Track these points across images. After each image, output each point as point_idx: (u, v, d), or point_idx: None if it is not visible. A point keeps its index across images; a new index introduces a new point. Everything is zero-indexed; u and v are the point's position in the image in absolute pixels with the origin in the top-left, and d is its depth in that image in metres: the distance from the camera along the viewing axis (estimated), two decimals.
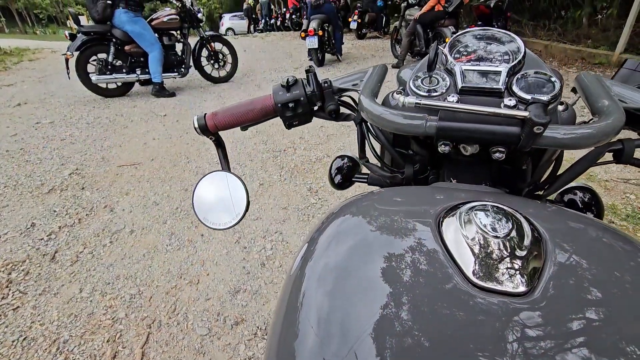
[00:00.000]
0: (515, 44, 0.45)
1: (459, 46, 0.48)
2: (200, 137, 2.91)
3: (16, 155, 2.64)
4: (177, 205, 2.01)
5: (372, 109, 0.43)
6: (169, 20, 4.03)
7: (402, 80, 0.55)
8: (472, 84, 0.41)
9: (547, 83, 0.39)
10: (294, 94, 0.53)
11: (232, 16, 17.97)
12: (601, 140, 0.35)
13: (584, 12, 6.12)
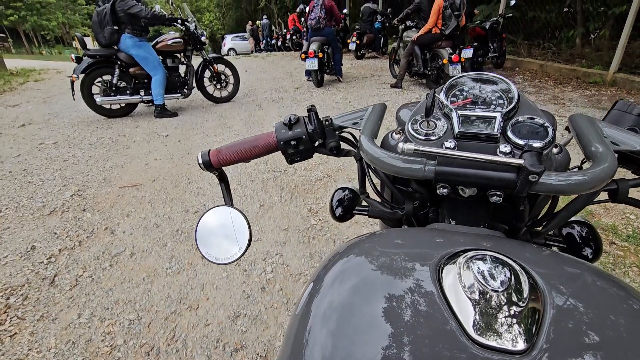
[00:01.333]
0: (509, 88, 0.47)
1: (455, 89, 0.50)
2: None
3: (19, 176, 2.66)
4: (177, 227, 2.01)
5: (371, 151, 0.45)
6: (173, 43, 4.14)
7: (401, 120, 0.57)
8: (468, 130, 0.42)
9: (541, 129, 0.41)
10: (295, 132, 0.54)
11: (234, 37, 18.43)
12: (595, 187, 0.36)
13: (577, 32, 6.28)
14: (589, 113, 3.76)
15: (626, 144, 0.42)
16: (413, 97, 4.70)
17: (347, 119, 0.57)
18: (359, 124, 0.55)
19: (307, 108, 0.55)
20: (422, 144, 0.43)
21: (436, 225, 0.45)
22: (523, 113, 0.44)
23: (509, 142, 0.41)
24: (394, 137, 0.52)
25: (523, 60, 6.49)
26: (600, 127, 0.44)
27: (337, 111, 4.21)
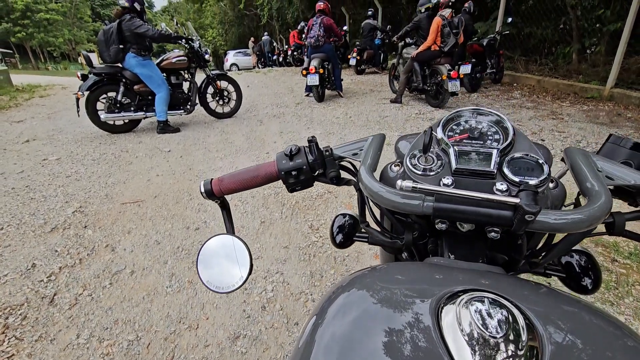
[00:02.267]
0: (504, 124, 0.48)
1: (452, 124, 0.51)
2: (203, 173, 2.97)
3: (22, 192, 2.67)
4: (178, 244, 2.01)
5: (371, 185, 0.46)
6: (178, 61, 4.23)
7: (400, 152, 0.58)
8: (465, 166, 0.43)
9: (537, 166, 0.42)
10: (296, 163, 0.56)
11: (237, 52, 18.79)
12: (591, 225, 0.37)
13: (573, 48, 6.39)
14: (587, 128, 3.79)
15: (620, 179, 0.43)
16: (413, 112, 4.76)
17: (347, 150, 0.58)
18: (359, 155, 0.56)
19: (307, 139, 0.57)
20: (420, 179, 0.44)
21: (435, 259, 0.45)
22: (519, 149, 0.45)
23: (505, 179, 0.41)
24: (393, 170, 0.53)
25: (521, 75, 6.58)
26: (594, 161, 0.45)
27: (337, 127, 4.26)
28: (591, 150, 3.05)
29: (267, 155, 3.40)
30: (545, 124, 4.00)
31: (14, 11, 30.48)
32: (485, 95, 5.70)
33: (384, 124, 4.29)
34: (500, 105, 4.99)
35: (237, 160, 3.30)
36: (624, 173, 0.43)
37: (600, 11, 5.88)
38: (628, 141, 0.51)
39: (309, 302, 1.57)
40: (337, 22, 11.66)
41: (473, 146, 0.46)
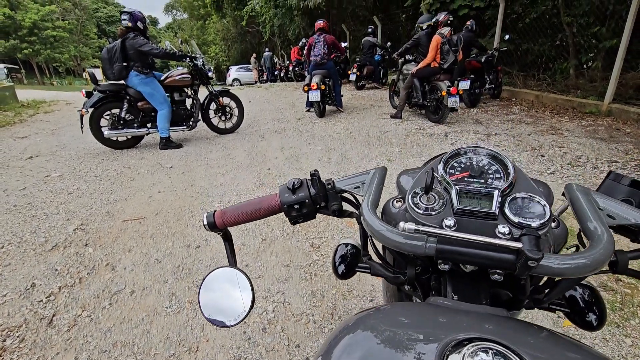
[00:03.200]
0: (505, 163, 0.49)
1: (453, 161, 0.52)
2: (204, 190, 2.98)
3: (23, 210, 2.68)
4: (179, 262, 2.00)
5: (373, 224, 0.46)
6: (181, 78, 4.31)
7: (402, 187, 0.58)
8: (467, 207, 0.44)
9: (538, 207, 0.42)
10: (299, 196, 0.56)
11: (239, 68, 19.14)
12: (595, 269, 0.37)
13: (570, 64, 6.48)
14: (587, 144, 3.81)
15: (622, 218, 0.43)
16: (413, 127, 4.80)
17: (349, 183, 0.59)
18: (361, 188, 0.56)
19: (310, 172, 0.57)
20: (422, 219, 0.44)
21: (439, 299, 0.45)
22: (520, 188, 0.46)
23: (507, 220, 0.42)
24: (395, 206, 0.54)
25: (519, 91, 6.65)
26: (595, 199, 0.45)
27: (338, 142, 4.29)
28: (591, 168, 3.04)
29: (268, 171, 3.42)
30: (544, 139, 4.02)
31: (22, 28, 31.20)
32: (484, 111, 5.76)
33: (384, 139, 4.32)
34: (500, 120, 5.03)
35: (238, 176, 3.31)
36: (625, 212, 0.43)
37: (596, 28, 6.00)
38: (627, 179, 0.51)
39: (310, 323, 1.55)
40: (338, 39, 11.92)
41: (474, 186, 0.47)
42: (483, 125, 4.79)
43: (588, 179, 2.94)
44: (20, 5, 32.10)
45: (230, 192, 2.95)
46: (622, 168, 3.12)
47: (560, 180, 2.94)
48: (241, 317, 0.54)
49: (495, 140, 4.09)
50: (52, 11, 33.63)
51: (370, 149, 3.98)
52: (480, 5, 7.86)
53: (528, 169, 3.20)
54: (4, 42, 30.62)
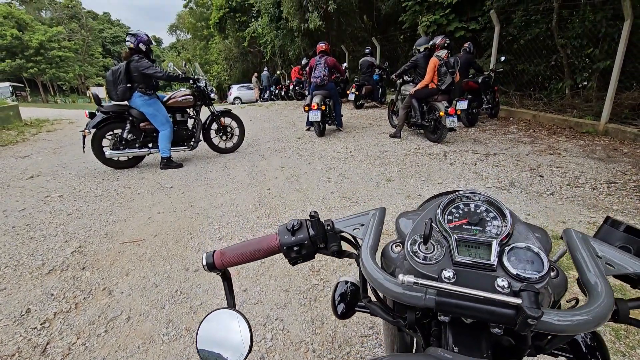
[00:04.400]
0: (503, 212, 0.49)
1: (451, 206, 0.52)
2: (204, 210, 2.97)
3: (22, 231, 2.67)
4: (176, 287, 1.98)
5: (373, 273, 0.46)
6: (184, 99, 4.38)
7: (400, 230, 0.58)
8: (466, 259, 0.44)
9: (536, 258, 0.42)
10: (298, 238, 0.56)
11: (240, 87, 19.48)
12: (597, 324, 0.37)
13: (566, 84, 6.59)
14: (585, 164, 3.83)
15: (620, 267, 0.43)
16: (412, 147, 4.84)
17: (348, 224, 0.59)
18: (360, 230, 0.57)
19: (310, 214, 0.58)
20: (420, 267, 0.44)
21: (439, 351, 0.45)
22: (518, 237, 0.46)
23: (506, 271, 0.42)
24: (394, 251, 0.54)
25: (516, 110, 6.75)
26: (593, 247, 0.45)
27: (338, 161, 4.31)
28: (591, 189, 3.05)
29: (268, 191, 3.42)
30: (543, 160, 4.05)
31: (29, 48, 31.94)
32: (482, 130, 5.82)
33: (383, 159, 4.35)
34: (498, 140, 5.08)
35: (238, 196, 3.32)
36: (623, 260, 0.44)
37: (589, 50, 6.15)
38: (622, 224, 0.51)
39: (310, 352, 1.51)
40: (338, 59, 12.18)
41: (473, 234, 0.47)
42: (481, 145, 4.83)
43: (587, 200, 2.95)
44: (28, 27, 32.99)
45: (230, 213, 2.95)
46: (621, 189, 3.12)
47: (560, 201, 2.94)
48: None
49: (494, 160, 4.11)
50: (59, 32, 34.52)
51: (369, 168, 4.00)
52: (476, 27, 8.09)
53: (527, 189, 3.21)
54: (11, 61, 31.29)
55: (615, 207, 2.81)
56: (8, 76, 32.11)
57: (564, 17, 6.40)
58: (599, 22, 5.74)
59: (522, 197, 3.06)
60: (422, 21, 8.59)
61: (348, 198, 3.15)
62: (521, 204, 2.90)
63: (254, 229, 2.64)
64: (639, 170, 3.55)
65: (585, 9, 6.03)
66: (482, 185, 3.35)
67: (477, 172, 3.73)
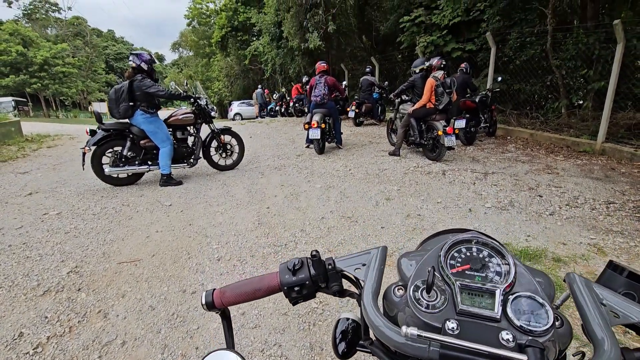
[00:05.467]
0: (506, 259, 0.48)
1: (453, 250, 0.52)
2: (203, 229, 2.96)
3: (18, 250, 2.64)
4: (173, 310, 1.94)
5: (374, 320, 0.45)
6: (184, 117, 4.43)
7: (402, 272, 0.58)
8: (469, 308, 0.43)
9: (540, 310, 0.42)
10: (299, 278, 0.56)
11: (241, 103, 19.74)
12: None
13: (561, 103, 6.70)
14: (583, 183, 3.85)
15: (625, 316, 0.43)
16: (411, 165, 4.86)
17: (349, 264, 0.58)
18: (362, 270, 0.56)
19: (311, 253, 0.58)
20: (423, 316, 0.44)
21: None
22: (521, 286, 0.46)
23: (510, 324, 0.41)
24: (397, 294, 0.53)
25: (514, 129, 6.83)
26: (597, 294, 0.45)
27: (337, 179, 4.32)
28: (590, 209, 3.05)
29: (267, 210, 3.41)
30: (541, 179, 4.07)
31: (33, 65, 32.44)
32: (480, 149, 5.87)
33: (383, 177, 4.37)
34: (496, 159, 5.12)
35: (237, 215, 3.30)
36: (628, 309, 0.43)
37: (584, 71, 6.28)
38: (624, 269, 0.51)
39: None
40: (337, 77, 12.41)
41: (476, 281, 0.47)
42: (480, 164, 4.86)
43: (587, 221, 2.94)
44: (34, 43, 33.63)
45: (229, 232, 2.93)
46: (620, 210, 3.13)
47: (560, 222, 2.94)
48: None
49: (493, 179, 4.13)
50: (64, 49, 35.16)
51: (369, 186, 4.01)
52: (472, 48, 8.28)
53: (527, 209, 3.21)
54: (14, 77, 31.70)
55: (615, 228, 2.80)
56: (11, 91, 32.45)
57: (558, 39, 6.57)
58: (592, 44, 5.89)
59: (522, 217, 3.05)
60: (420, 42, 8.80)
61: (347, 217, 3.14)
62: (521, 225, 2.89)
63: (253, 249, 2.62)
64: (637, 191, 3.56)
65: (578, 32, 6.20)
66: (482, 205, 3.35)
67: (476, 191, 3.74)
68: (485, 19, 7.91)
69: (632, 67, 5.53)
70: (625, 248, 2.48)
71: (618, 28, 4.71)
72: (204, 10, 30.74)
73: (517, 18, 7.53)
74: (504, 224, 2.93)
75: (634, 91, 5.41)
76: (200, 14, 30.93)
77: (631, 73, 5.43)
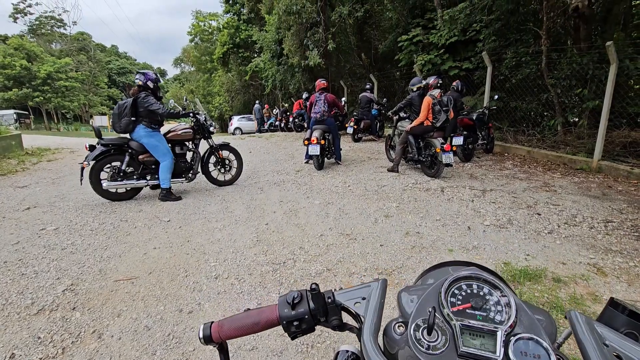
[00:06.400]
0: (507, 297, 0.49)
1: (454, 288, 0.52)
2: (201, 246, 2.94)
3: (13, 267, 2.61)
4: (169, 330, 1.91)
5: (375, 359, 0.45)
6: (183, 133, 4.48)
7: (402, 308, 0.57)
8: (470, 349, 0.43)
9: (542, 352, 0.42)
10: (298, 312, 0.56)
11: (241, 117, 19.95)
12: None
13: (557, 121, 6.79)
14: (581, 201, 3.86)
15: (628, 358, 0.42)
16: (409, 181, 4.88)
17: (349, 297, 0.58)
18: (361, 304, 0.56)
19: (311, 286, 0.57)
20: (424, 357, 0.44)
21: None
22: (522, 326, 0.46)
23: None
24: (397, 332, 0.53)
25: (511, 146, 6.89)
26: (599, 333, 0.45)
27: (336, 196, 4.33)
28: (588, 228, 3.05)
29: (266, 226, 3.40)
30: (539, 197, 4.08)
31: (36, 79, 32.84)
32: (478, 165, 5.91)
33: (382, 194, 4.38)
34: (494, 176, 5.15)
35: (235, 231, 3.29)
36: (631, 350, 0.43)
37: (579, 90, 6.40)
38: (625, 308, 0.51)
39: None
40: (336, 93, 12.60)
41: (477, 321, 0.46)
42: (478, 181, 4.89)
43: (586, 240, 2.94)
44: (38, 58, 34.15)
45: (227, 249, 2.91)
46: (618, 228, 3.13)
47: (559, 240, 2.93)
48: None
49: (491, 196, 4.15)
50: (67, 64, 35.69)
51: (368, 203, 4.01)
52: (469, 66, 8.45)
53: (525, 228, 3.21)
54: (17, 90, 32.03)
55: (614, 247, 2.80)
56: (14, 104, 32.74)
57: (552, 58, 6.72)
58: (586, 64, 6.02)
59: (521, 236, 3.05)
60: (418, 60, 8.99)
61: (346, 235, 3.14)
62: (520, 244, 2.89)
63: (251, 267, 2.60)
64: (635, 209, 3.57)
65: (572, 53, 6.35)
66: (480, 222, 3.35)
67: (475, 209, 3.74)
68: (481, 38, 8.11)
69: (626, 86, 5.64)
70: (624, 268, 2.47)
71: (611, 50, 4.83)
72: (206, 27, 31.42)
73: (512, 38, 7.73)
74: (503, 242, 2.92)
75: (628, 110, 5.49)
76: (203, 31, 31.61)
77: (625, 92, 5.54)
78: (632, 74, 5.64)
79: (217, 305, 2.14)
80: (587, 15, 6.01)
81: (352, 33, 13.04)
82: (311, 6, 10.92)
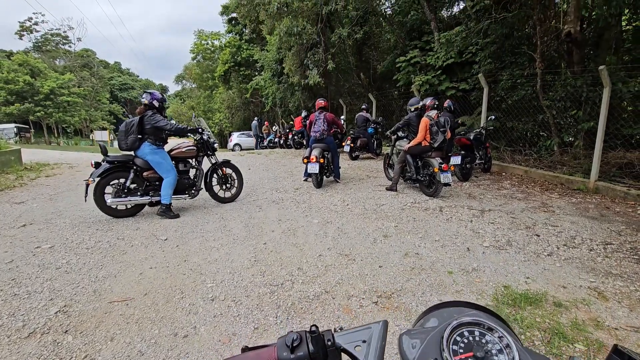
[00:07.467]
0: (510, 347, 0.48)
1: (455, 334, 0.51)
2: (198, 266, 2.90)
3: (5, 287, 2.57)
4: (163, 356, 1.86)
5: None
6: (187, 150, 4.57)
7: (404, 355, 0.57)
8: None
9: None
10: (297, 356, 0.55)
11: (240, 134, 20.13)
12: None
13: (554, 142, 6.88)
14: (579, 222, 3.87)
15: None
16: (408, 201, 4.89)
17: (349, 340, 0.58)
18: (362, 348, 0.56)
19: (311, 327, 0.57)
20: None
21: None
22: None
23: None
24: None
25: (508, 165, 6.95)
26: None
27: (335, 215, 4.32)
28: (587, 250, 3.04)
29: (264, 245, 3.38)
30: (538, 217, 4.08)
31: (39, 94, 33.22)
32: (476, 185, 5.93)
33: (380, 213, 4.37)
34: (492, 195, 5.16)
35: (233, 251, 3.26)
36: None
37: (573, 112, 6.52)
38: (631, 358, 0.50)
39: None
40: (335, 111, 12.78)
41: None
42: (476, 200, 4.90)
43: (586, 262, 2.93)
44: (41, 74, 34.65)
45: (224, 269, 2.88)
46: (617, 251, 3.12)
47: (558, 263, 2.92)
48: None
49: (490, 216, 4.15)
50: (70, 79, 36.21)
51: (366, 222, 4.00)
52: (466, 87, 8.63)
53: (525, 249, 3.20)
54: (19, 105, 32.33)
55: (614, 270, 2.78)
56: (15, 118, 32.97)
57: (547, 81, 6.88)
58: (580, 87, 6.16)
59: (520, 257, 3.04)
60: (416, 80, 9.18)
61: (345, 255, 3.11)
62: (520, 266, 2.87)
63: (248, 289, 2.56)
64: (633, 231, 3.58)
65: (566, 75, 6.50)
66: (480, 243, 3.34)
67: (474, 229, 3.74)
68: (477, 60, 8.32)
69: (619, 108, 5.75)
70: (625, 292, 2.45)
71: (604, 73, 4.95)
72: (209, 46, 32.12)
73: (507, 61, 7.93)
74: (503, 264, 2.90)
75: (622, 132, 5.58)
76: (205, 49, 32.30)
77: (618, 114, 5.64)
78: (624, 96, 5.77)
79: (213, 329, 2.10)
80: (579, 40, 6.19)
81: (352, 53, 13.36)
82: (311, 28, 11.23)
